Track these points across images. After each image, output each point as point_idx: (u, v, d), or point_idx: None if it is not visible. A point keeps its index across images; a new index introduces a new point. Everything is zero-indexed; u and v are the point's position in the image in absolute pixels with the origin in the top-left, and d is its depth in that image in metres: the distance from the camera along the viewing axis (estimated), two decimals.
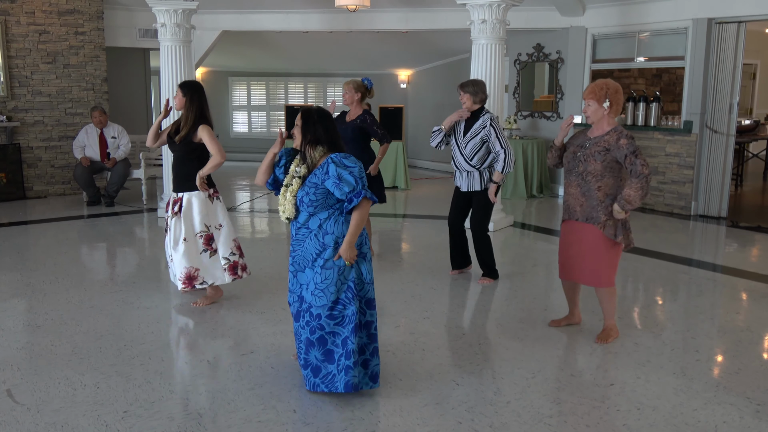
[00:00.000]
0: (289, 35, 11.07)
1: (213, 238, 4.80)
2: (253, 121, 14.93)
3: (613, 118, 4.08)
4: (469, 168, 5.35)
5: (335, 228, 3.35)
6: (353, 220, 3.31)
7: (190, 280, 4.74)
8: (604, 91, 4.02)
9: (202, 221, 4.75)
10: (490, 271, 5.56)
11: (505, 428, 3.17)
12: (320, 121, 3.38)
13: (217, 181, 5.07)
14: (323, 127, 3.38)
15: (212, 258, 4.80)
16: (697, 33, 8.12)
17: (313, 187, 3.32)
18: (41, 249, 6.67)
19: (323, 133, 3.37)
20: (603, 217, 4.04)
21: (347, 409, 3.34)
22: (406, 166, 10.72)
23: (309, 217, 3.39)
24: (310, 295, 3.38)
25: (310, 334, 3.41)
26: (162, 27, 7.62)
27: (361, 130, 5.86)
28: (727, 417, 3.30)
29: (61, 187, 9.67)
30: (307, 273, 3.41)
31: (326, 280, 3.34)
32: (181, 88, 4.73)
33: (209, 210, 4.78)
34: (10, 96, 9.17)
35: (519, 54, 10.48)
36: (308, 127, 3.38)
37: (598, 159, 4.01)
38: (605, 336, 4.26)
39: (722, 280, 5.81)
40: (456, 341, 4.29)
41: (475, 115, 5.29)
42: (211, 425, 3.18)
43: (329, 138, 3.39)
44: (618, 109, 4.07)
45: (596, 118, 4.07)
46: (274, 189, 3.64)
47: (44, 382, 3.60)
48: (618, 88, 4.06)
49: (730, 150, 8.17)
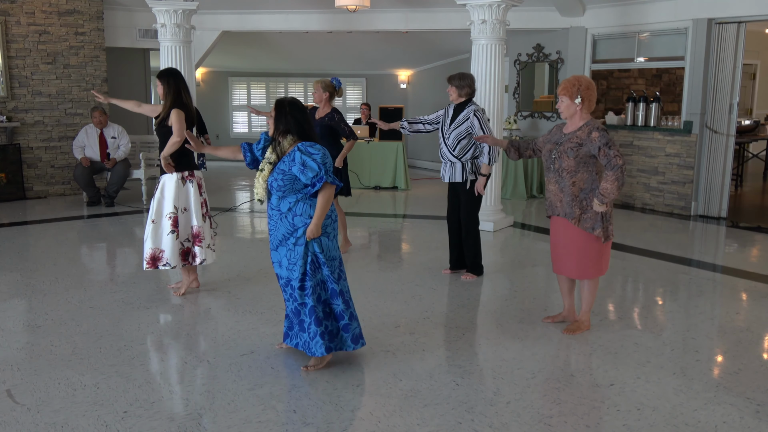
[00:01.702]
0: (289, 35, 11.07)
1: (178, 221, 4.91)
2: (253, 121, 14.93)
3: (587, 114, 4.12)
4: (452, 158, 5.43)
5: (303, 210, 3.63)
6: (318, 202, 3.60)
7: (154, 260, 4.92)
8: (576, 87, 4.06)
9: (173, 202, 4.88)
10: (474, 266, 5.61)
11: (505, 428, 3.17)
12: (291, 113, 3.63)
13: (217, 181, 5.07)
14: (294, 118, 3.63)
15: (177, 240, 4.91)
16: (697, 33, 8.12)
17: (281, 173, 3.61)
18: (41, 249, 6.67)
19: (294, 124, 3.63)
20: (577, 211, 4.13)
21: (347, 409, 3.34)
22: (406, 166, 10.72)
23: (279, 201, 3.67)
24: (285, 270, 3.71)
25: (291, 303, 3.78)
26: (162, 27, 7.62)
27: (329, 128, 6.12)
28: (727, 417, 3.30)
29: (61, 187, 9.67)
30: (280, 251, 3.72)
31: (296, 255, 3.65)
32: (159, 77, 4.89)
33: (180, 192, 4.90)
34: (10, 96, 9.17)
35: (519, 54, 10.48)
36: (280, 118, 3.66)
37: (570, 155, 4.08)
38: (574, 328, 4.36)
39: (722, 280, 5.81)
40: (456, 341, 4.29)
41: (461, 107, 5.37)
42: (211, 425, 3.18)
43: (299, 128, 3.65)
44: (590, 105, 4.11)
45: (569, 114, 4.14)
46: (255, 168, 3.97)
47: (44, 383, 3.60)
48: (590, 84, 4.09)
49: (730, 150, 8.17)
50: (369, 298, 5.11)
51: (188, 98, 4.93)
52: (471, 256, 5.61)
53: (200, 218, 4.99)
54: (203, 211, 5.06)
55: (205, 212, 5.10)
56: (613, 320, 4.71)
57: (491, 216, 7.55)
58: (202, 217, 5.01)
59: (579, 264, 4.24)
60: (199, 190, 5.01)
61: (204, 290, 5.28)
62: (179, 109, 4.79)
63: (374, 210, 8.90)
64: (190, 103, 4.92)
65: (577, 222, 4.14)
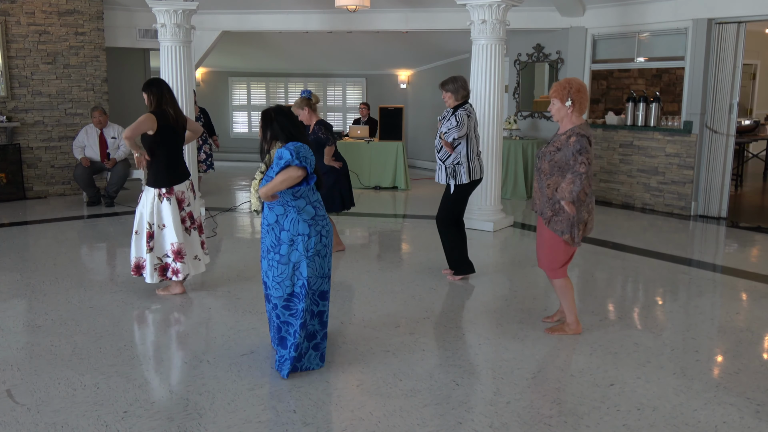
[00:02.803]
0: (289, 35, 11.07)
1: (153, 236, 4.91)
2: (253, 121, 14.92)
3: (579, 117, 4.12)
4: (438, 160, 5.45)
5: (291, 226, 3.58)
6: (276, 176, 3.49)
7: (138, 269, 4.99)
8: (566, 90, 4.07)
9: (148, 218, 4.91)
10: (454, 265, 5.61)
11: (505, 428, 3.17)
12: (276, 118, 3.63)
13: (216, 181, 5.07)
14: (279, 124, 3.62)
15: (152, 254, 4.93)
16: (697, 33, 8.12)
17: (268, 180, 3.59)
18: (41, 249, 6.67)
19: (279, 129, 3.62)
20: (549, 212, 4.18)
21: (347, 409, 3.34)
22: (406, 167, 10.72)
23: (269, 210, 3.65)
24: (271, 281, 3.68)
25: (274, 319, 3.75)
26: (162, 27, 7.62)
27: (316, 143, 6.08)
28: (727, 417, 3.30)
29: (61, 187, 9.67)
30: (264, 263, 3.74)
31: (282, 275, 3.61)
32: (143, 90, 4.99)
33: (155, 208, 4.91)
34: (10, 96, 9.17)
35: (519, 54, 10.48)
36: (266, 126, 3.67)
37: (546, 158, 4.12)
38: (558, 328, 4.40)
39: (722, 280, 5.81)
40: (456, 341, 4.29)
41: (457, 109, 5.36)
42: (211, 425, 3.18)
43: (285, 133, 3.62)
44: (582, 108, 4.10)
45: (560, 117, 4.16)
46: None
47: (44, 383, 3.60)
48: (581, 87, 4.09)
49: (730, 150, 8.17)
50: (369, 298, 5.11)
51: (171, 105, 4.91)
52: (448, 256, 5.62)
53: (180, 234, 4.93)
54: (188, 224, 5.01)
55: (191, 225, 5.03)
56: (613, 320, 4.71)
57: (491, 216, 7.55)
58: (184, 232, 4.96)
59: (546, 259, 4.30)
60: (180, 204, 4.95)
61: (204, 290, 5.28)
62: (150, 113, 4.84)
63: (374, 210, 8.90)
64: (169, 110, 4.88)
65: (547, 223, 4.20)
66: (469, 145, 5.32)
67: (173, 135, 4.91)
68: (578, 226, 4.15)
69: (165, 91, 4.92)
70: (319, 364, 3.78)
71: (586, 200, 4.13)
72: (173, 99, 4.98)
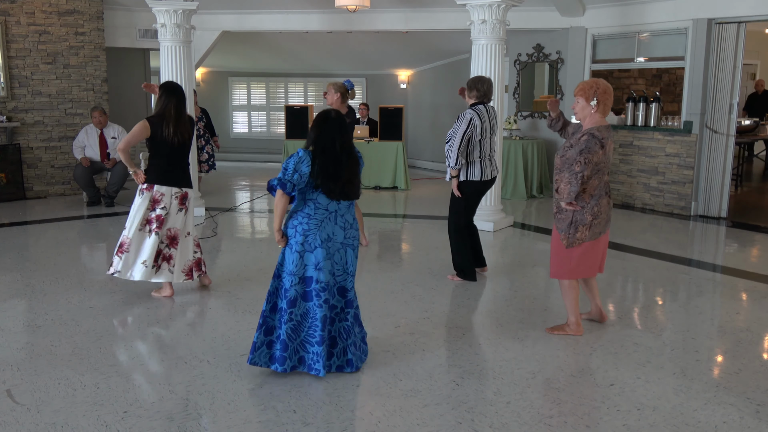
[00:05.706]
0: (289, 35, 11.07)
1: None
2: (253, 121, 14.93)
3: (602, 118, 4.11)
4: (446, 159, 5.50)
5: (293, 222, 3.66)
6: None
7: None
8: (593, 89, 4.07)
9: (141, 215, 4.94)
10: (455, 266, 5.62)
11: (505, 428, 3.17)
12: (315, 126, 3.70)
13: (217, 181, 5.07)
14: (313, 132, 3.69)
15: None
16: (697, 33, 8.12)
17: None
18: (41, 249, 6.67)
19: (312, 136, 3.69)
20: (555, 209, 4.24)
21: (347, 409, 3.34)
22: (406, 166, 10.72)
23: None
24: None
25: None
26: (162, 27, 7.62)
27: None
28: (727, 417, 3.30)
29: (61, 187, 9.67)
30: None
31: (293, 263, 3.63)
32: (159, 87, 4.99)
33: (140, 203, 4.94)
34: (10, 96, 9.17)
35: (519, 54, 10.48)
36: (309, 132, 3.75)
37: (560, 153, 4.15)
38: (558, 328, 4.40)
39: (722, 280, 5.81)
40: (456, 341, 4.29)
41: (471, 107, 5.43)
42: (211, 425, 3.18)
43: (314, 140, 3.67)
44: (606, 110, 4.11)
45: (582, 116, 4.16)
46: None
47: (44, 383, 3.60)
48: (608, 89, 4.09)
49: (730, 150, 8.17)
50: (369, 297, 5.11)
51: (172, 121, 4.80)
52: (452, 259, 5.63)
53: (133, 230, 4.86)
54: (153, 227, 4.85)
55: (155, 228, 4.85)
56: (613, 320, 4.71)
57: (491, 216, 7.55)
58: (139, 231, 4.86)
59: (552, 261, 4.31)
60: (153, 204, 4.87)
61: (204, 290, 5.28)
62: (144, 121, 4.83)
63: (374, 210, 8.90)
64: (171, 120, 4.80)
65: (554, 219, 4.25)
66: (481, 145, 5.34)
67: (167, 148, 4.85)
68: (578, 228, 4.14)
69: (173, 105, 4.82)
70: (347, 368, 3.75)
71: (590, 202, 4.12)
72: (178, 115, 4.84)
